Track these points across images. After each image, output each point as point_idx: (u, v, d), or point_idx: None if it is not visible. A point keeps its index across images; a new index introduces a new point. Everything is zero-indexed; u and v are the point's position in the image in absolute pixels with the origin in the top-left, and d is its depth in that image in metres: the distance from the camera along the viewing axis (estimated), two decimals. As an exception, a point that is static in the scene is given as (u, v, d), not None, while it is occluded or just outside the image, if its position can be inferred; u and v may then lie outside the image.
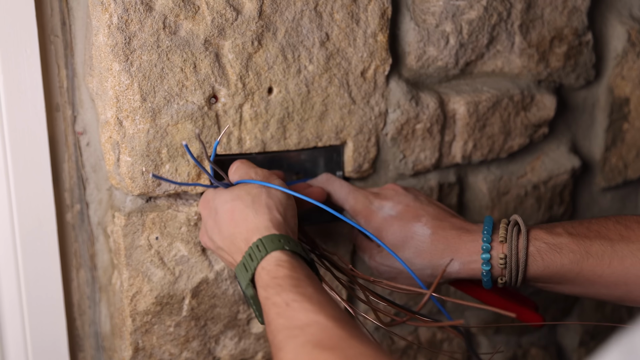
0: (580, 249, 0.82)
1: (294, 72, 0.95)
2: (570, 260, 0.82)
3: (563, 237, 0.83)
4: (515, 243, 0.84)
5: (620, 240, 0.82)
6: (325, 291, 0.72)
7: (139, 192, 0.92)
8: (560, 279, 0.84)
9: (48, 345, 1.00)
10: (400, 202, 0.91)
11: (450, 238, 0.87)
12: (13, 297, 0.98)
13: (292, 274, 0.72)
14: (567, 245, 0.83)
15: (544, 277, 0.84)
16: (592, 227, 0.84)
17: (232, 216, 0.82)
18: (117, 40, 0.87)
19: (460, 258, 0.86)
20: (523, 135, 1.12)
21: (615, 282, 0.81)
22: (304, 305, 0.68)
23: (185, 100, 0.90)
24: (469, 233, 0.87)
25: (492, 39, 1.06)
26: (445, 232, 0.88)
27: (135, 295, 0.95)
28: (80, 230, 0.99)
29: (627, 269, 0.80)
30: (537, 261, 0.84)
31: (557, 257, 0.83)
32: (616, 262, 0.81)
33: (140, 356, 0.98)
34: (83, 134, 0.96)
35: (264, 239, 0.77)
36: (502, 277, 0.85)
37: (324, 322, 0.65)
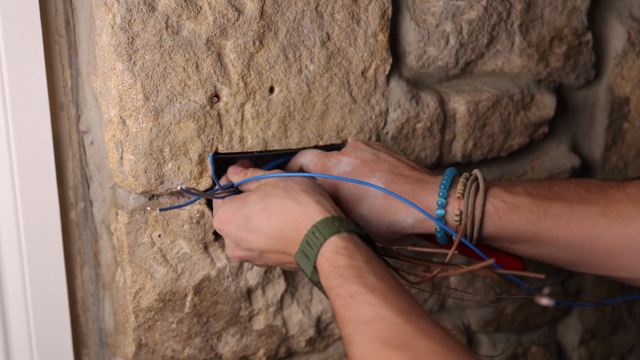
0: (538, 210, 0.80)
1: (295, 71, 0.96)
2: (528, 220, 0.80)
3: (522, 196, 0.81)
4: (472, 200, 0.81)
5: (580, 202, 0.80)
6: (387, 274, 0.72)
7: (142, 190, 0.93)
8: (516, 239, 0.82)
9: (52, 341, 1.01)
10: (357, 157, 0.89)
11: (404, 192, 0.84)
12: (18, 294, 0.99)
13: (353, 263, 0.72)
14: (525, 205, 0.80)
15: (500, 236, 0.82)
16: (553, 188, 0.82)
17: (270, 213, 0.81)
18: (121, 40, 0.88)
19: (413, 214, 0.84)
20: (523, 135, 1.13)
21: (571, 245, 0.80)
22: (368, 298, 0.68)
23: (187, 99, 0.91)
24: (424, 187, 0.84)
25: (492, 38, 1.07)
26: (398, 186, 0.85)
27: (139, 292, 0.96)
28: (84, 228, 1.01)
29: (583, 231, 0.79)
30: (493, 220, 0.81)
31: (514, 216, 0.80)
32: (573, 224, 0.79)
33: (143, 352, 0.99)
34: (87, 132, 0.98)
35: (318, 224, 0.76)
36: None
37: (390, 316, 0.65)
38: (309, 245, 0.76)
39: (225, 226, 0.86)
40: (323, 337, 1.08)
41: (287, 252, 0.81)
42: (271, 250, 0.82)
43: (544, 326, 1.28)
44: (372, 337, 0.64)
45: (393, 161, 0.88)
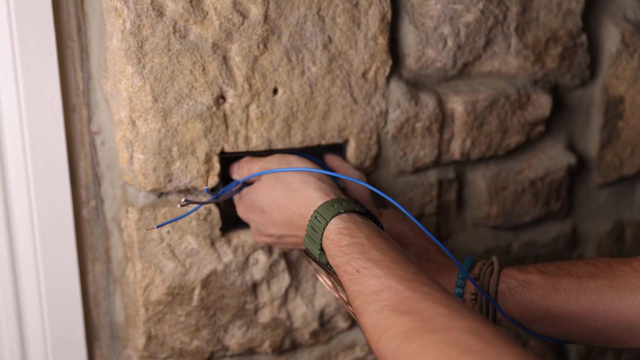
0: (548, 285, 0.85)
1: (298, 73, 0.99)
2: (539, 295, 0.85)
3: (533, 274, 0.87)
4: (487, 280, 0.87)
5: (588, 277, 0.84)
6: (389, 247, 0.77)
7: (151, 188, 0.97)
8: (531, 316, 0.86)
9: (66, 335, 1.04)
10: (395, 226, 0.97)
11: (430, 270, 0.92)
12: (32, 289, 1.02)
13: (355, 240, 0.78)
14: (536, 282, 0.86)
15: (515, 314, 0.87)
16: (562, 266, 0.87)
17: (278, 204, 0.88)
18: (130, 44, 0.91)
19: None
20: (520, 133, 1.16)
21: (583, 319, 0.84)
22: (373, 271, 0.73)
23: (194, 100, 0.95)
24: (447, 270, 0.92)
25: (488, 40, 1.10)
26: (427, 263, 0.93)
27: (148, 286, 1.00)
28: (95, 225, 1.04)
29: (593, 303, 0.83)
30: (506, 297, 0.86)
31: (525, 292, 0.86)
32: (583, 297, 0.83)
33: (153, 344, 1.02)
34: (98, 133, 1.01)
35: (319, 209, 0.83)
36: None
37: (395, 285, 0.70)
38: (313, 229, 0.82)
39: (248, 215, 0.95)
40: (326, 329, 1.11)
41: (299, 235, 0.88)
42: (286, 235, 0.90)
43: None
44: (380, 306, 0.69)
45: (426, 242, 0.96)
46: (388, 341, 0.66)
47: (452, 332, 0.63)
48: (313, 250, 0.83)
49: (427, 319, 0.65)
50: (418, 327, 0.65)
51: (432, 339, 0.63)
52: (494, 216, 1.19)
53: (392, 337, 0.66)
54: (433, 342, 0.62)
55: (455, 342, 0.62)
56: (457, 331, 0.63)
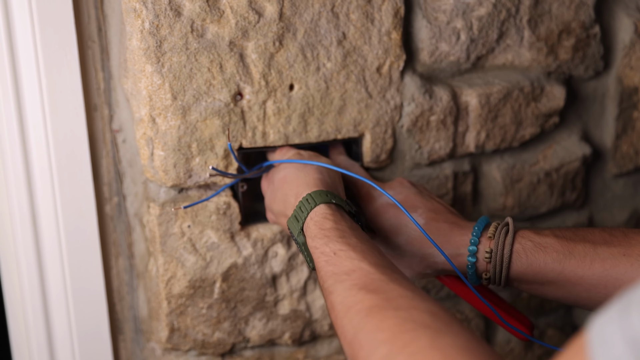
0: (564, 249, 0.85)
1: (314, 69, 1.01)
2: (554, 259, 0.85)
3: (549, 237, 0.87)
4: (502, 239, 0.87)
5: (603, 244, 0.85)
6: (368, 240, 0.81)
7: (172, 184, 0.99)
8: (543, 279, 0.87)
9: (91, 328, 1.07)
10: (401, 193, 0.97)
11: (442, 230, 0.91)
12: (58, 284, 1.05)
13: (338, 226, 0.81)
14: (551, 244, 0.86)
15: (527, 275, 0.87)
16: (578, 232, 0.87)
17: (285, 180, 0.92)
18: (149, 43, 0.94)
19: (448, 249, 0.90)
20: (534, 125, 1.17)
21: (595, 285, 0.84)
22: (349, 254, 0.76)
23: (212, 97, 0.97)
24: (460, 228, 0.91)
25: (501, 34, 1.12)
26: (437, 223, 0.92)
27: (170, 280, 1.02)
28: (118, 221, 1.07)
29: (607, 270, 0.83)
30: (521, 258, 0.87)
31: (540, 255, 0.86)
32: (597, 264, 0.83)
33: (175, 336, 1.05)
34: (119, 131, 1.03)
35: (312, 193, 0.86)
36: (487, 272, 0.88)
37: (367, 268, 0.74)
38: (300, 210, 0.85)
39: (264, 189, 0.99)
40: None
41: (287, 214, 0.90)
42: (281, 213, 0.92)
43: (560, 309, 1.32)
44: (350, 285, 0.72)
45: (435, 203, 0.96)
46: (352, 317, 0.69)
47: (412, 311, 0.66)
48: (293, 229, 0.85)
49: (390, 298, 0.68)
50: (381, 304, 0.68)
51: (392, 315, 0.66)
52: (510, 207, 1.20)
53: (356, 312, 0.69)
54: (392, 318, 0.65)
55: (413, 319, 0.64)
56: (417, 310, 0.66)
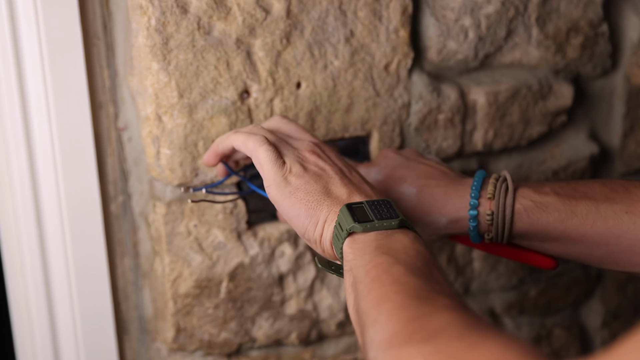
0: (565, 208, 0.83)
1: (321, 67, 1.00)
2: (555, 218, 0.83)
3: (550, 196, 0.85)
4: (502, 200, 0.85)
5: (605, 201, 0.83)
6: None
7: (178, 183, 0.98)
8: (545, 237, 0.85)
9: (96, 328, 1.06)
10: (387, 166, 0.92)
11: (436, 195, 0.88)
12: (63, 284, 1.04)
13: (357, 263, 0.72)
14: (553, 204, 0.84)
15: (529, 234, 0.86)
16: (579, 188, 0.85)
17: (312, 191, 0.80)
18: (156, 41, 0.93)
19: (447, 214, 0.87)
20: (542, 124, 1.16)
21: (597, 242, 0.83)
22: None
23: (219, 95, 0.96)
24: (456, 189, 0.88)
25: (509, 32, 1.11)
26: (431, 189, 0.89)
27: (176, 279, 1.01)
28: (123, 220, 1.06)
29: (609, 229, 0.82)
30: (523, 218, 0.85)
31: (542, 215, 0.84)
32: (599, 222, 0.82)
33: (182, 337, 1.04)
34: (125, 129, 1.03)
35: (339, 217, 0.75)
36: (489, 232, 0.87)
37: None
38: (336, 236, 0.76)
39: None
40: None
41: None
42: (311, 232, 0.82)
43: (567, 309, 1.31)
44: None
45: (424, 167, 0.92)
46: None
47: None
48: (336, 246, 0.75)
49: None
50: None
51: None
52: (517, 206, 1.19)
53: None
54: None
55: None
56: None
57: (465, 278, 1.19)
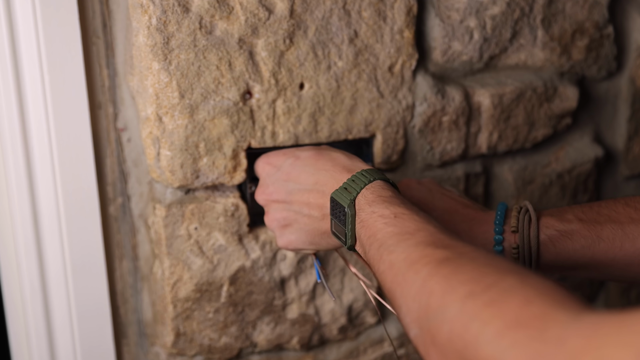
0: (591, 234, 0.83)
1: (324, 68, 0.99)
2: (582, 245, 0.83)
3: (574, 223, 0.84)
4: (527, 232, 0.84)
5: (631, 222, 0.82)
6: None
7: (178, 185, 0.96)
8: (573, 265, 0.84)
9: (94, 332, 1.04)
10: (412, 197, 0.92)
11: (461, 231, 0.88)
12: (60, 287, 1.02)
13: (398, 196, 0.76)
14: (578, 231, 0.83)
15: (557, 263, 0.85)
16: (602, 211, 0.84)
17: (321, 157, 0.85)
18: (156, 40, 0.91)
19: None
20: (547, 126, 1.15)
21: (628, 264, 0.82)
22: (412, 217, 0.71)
23: (221, 96, 0.95)
24: (480, 225, 0.88)
25: (515, 33, 1.09)
26: (455, 225, 0.88)
27: (176, 283, 0.99)
28: (122, 222, 1.04)
29: (638, 250, 0.81)
30: (549, 249, 0.84)
31: (568, 243, 0.83)
32: (628, 245, 0.81)
33: (181, 341, 1.02)
34: (124, 130, 1.01)
35: (367, 169, 0.80)
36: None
37: (433, 229, 0.68)
38: (354, 182, 0.79)
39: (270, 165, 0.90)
40: (354, 325, 1.11)
41: (322, 190, 0.83)
42: (305, 187, 0.84)
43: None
44: (416, 242, 0.66)
45: (447, 200, 0.92)
46: (419, 268, 0.63)
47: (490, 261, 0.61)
48: (342, 199, 0.78)
49: (463, 253, 0.63)
50: (454, 257, 0.62)
51: (468, 262, 0.61)
52: (521, 210, 1.18)
53: (424, 265, 0.63)
54: (470, 264, 0.60)
55: (494, 264, 0.60)
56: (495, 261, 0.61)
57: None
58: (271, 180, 0.88)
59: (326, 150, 0.87)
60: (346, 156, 0.85)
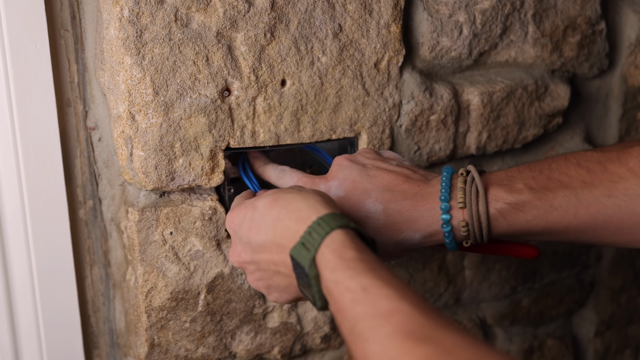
0: (543, 204, 0.78)
1: (307, 64, 0.94)
2: (534, 216, 0.78)
3: (524, 193, 0.79)
4: (475, 208, 0.79)
5: (584, 187, 0.77)
6: (397, 274, 0.68)
7: (152, 187, 0.91)
8: (526, 233, 0.80)
9: (63, 342, 1.00)
10: (346, 179, 0.84)
11: (405, 211, 0.81)
12: (27, 294, 0.97)
13: (363, 257, 0.68)
14: (529, 202, 0.78)
15: (509, 234, 0.80)
16: (553, 175, 0.79)
17: (275, 203, 0.76)
18: (129, 33, 0.86)
19: (419, 230, 0.81)
20: (537, 126, 1.11)
21: (582, 230, 0.78)
22: (383, 291, 0.63)
23: (198, 93, 0.90)
24: (424, 201, 0.81)
25: (505, 28, 1.05)
26: (397, 204, 0.81)
27: (150, 291, 0.94)
28: (93, 227, 0.99)
29: (593, 216, 0.77)
30: (500, 222, 0.79)
31: (520, 215, 0.78)
32: (582, 212, 0.77)
33: (156, 352, 0.97)
34: (95, 129, 0.96)
35: (324, 216, 0.71)
36: (467, 240, 0.81)
37: (409, 310, 0.61)
38: (310, 236, 0.71)
39: (234, 223, 0.82)
40: (338, 333, 1.06)
41: (282, 244, 0.75)
42: (265, 244, 0.77)
43: (560, 318, 1.27)
44: (391, 331, 0.60)
45: (385, 175, 0.84)
46: None
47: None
48: (302, 258, 0.70)
49: (449, 350, 0.57)
50: (438, 355, 0.57)
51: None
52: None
53: None
54: None
55: None
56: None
57: (456, 287, 1.13)
58: (237, 240, 0.81)
59: (283, 194, 0.78)
60: (302, 197, 0.76)
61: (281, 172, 0.92)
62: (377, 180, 0.83)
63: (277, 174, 0.92)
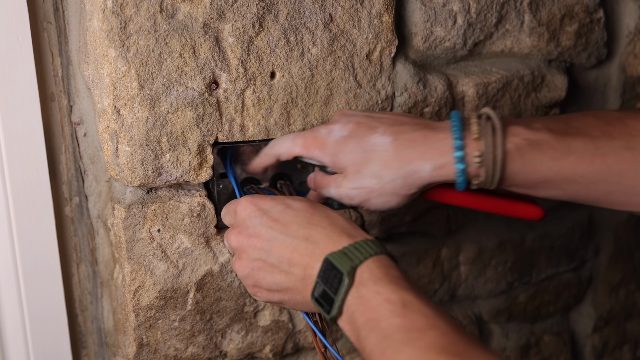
0: (561, 145, 0.76)
1: (297, 55, 0.92)
2: (550, 157, 0.76)
3: (542, 132, 0.77)
4: (491, 139, 0.76)
5: (603, 136, 0.76)
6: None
7: (139, 183, 0.89)
8: (538, 179, 0.78)
9: (50, 342, 0.98)
10: (349, 122, 0.83)
11: (415, 140, 0.79)
12: (12, 294, 0.96)
13: (405, 278, 0.71)
14: (547, 141, 0.76)
15: (522, 176, 0.78)
16: (572, 123, 0.78)
17: (315, 211, 0.77)
18: (113, 25, 0.83)
19: (430, 159, 0.78)
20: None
21: (595, 182, 0.76)
22: (422, 308, 0.66)
23: (184, 86, 0.87)
24: (435, 132, 0.79)
25: (501, 17, 1.03)
26: (407, 135, 0.80)
27: (138, 290, 0.92)
28: (79, 224, 0.97)
29: (609, 167, 0.75)
30: (515, 158, 0.77)
31: (536, 154, 0.76)
32: (598, 160, 0.75)
33: (144, 352, 0.95)
34: (80, 124, 0.93)
35: (373, 240, 0.74)
36: (478, 177, 0.78)
37: (444, 327, 0.64)
38: (356, 249, 0.72)
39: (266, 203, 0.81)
40: (331, 331, 1.04)
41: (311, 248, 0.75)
42: (291, 240, 0.77)
43: (557, 314, 1.25)
44: (427, 345, 0.63)
45: (392, 116, 0.84)
46: None
47: None
48: (341, 266, 0.71)
49: None
50: None
51: None
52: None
53: None
54: None
55: None
56: None
57: (451, 284, 1.11)
58: (252, 223, 0.79)
59: (322, 206, 0.80)
60: (345, 219, 0.78)
61: (271, 142, 0.89)
62: (384, 119, 0.83)
63: (268, 146, 0.89)
